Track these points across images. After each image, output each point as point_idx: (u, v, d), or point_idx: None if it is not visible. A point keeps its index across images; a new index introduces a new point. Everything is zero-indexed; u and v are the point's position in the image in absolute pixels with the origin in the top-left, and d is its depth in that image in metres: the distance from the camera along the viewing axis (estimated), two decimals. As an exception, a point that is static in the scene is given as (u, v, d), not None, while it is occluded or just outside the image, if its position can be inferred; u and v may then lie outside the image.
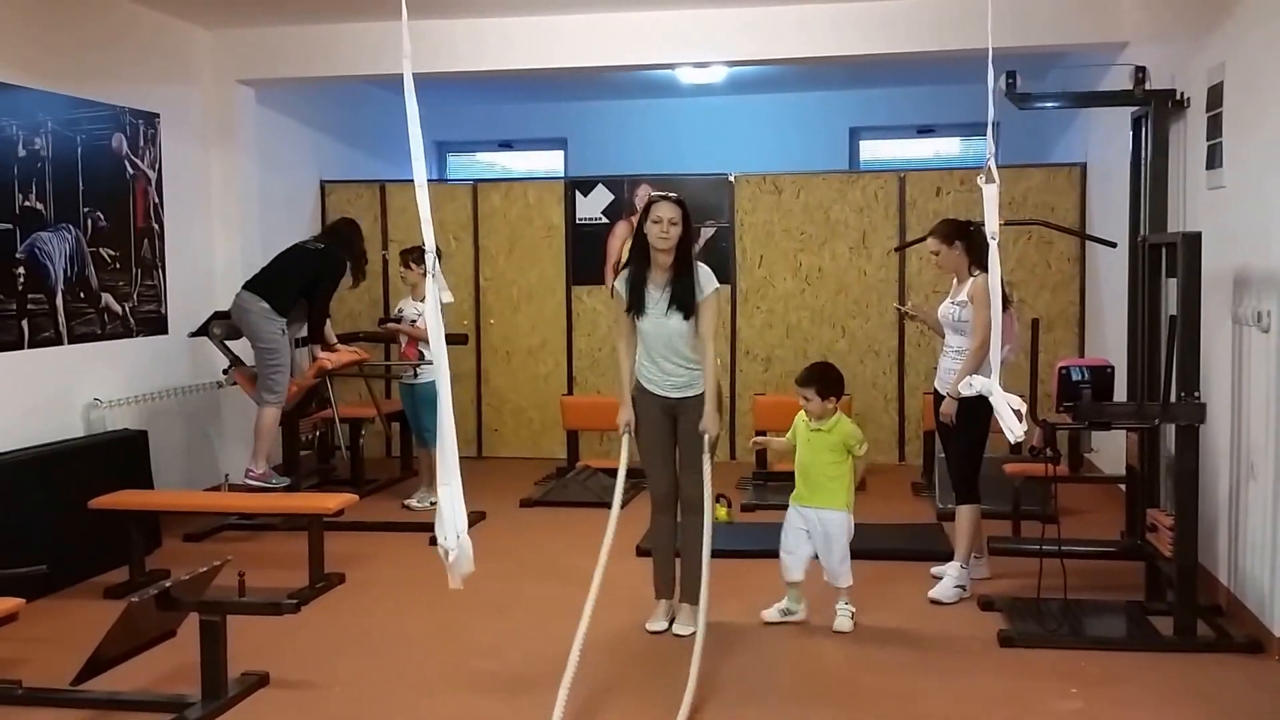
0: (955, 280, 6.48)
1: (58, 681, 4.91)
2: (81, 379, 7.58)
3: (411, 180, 3.45)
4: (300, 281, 8.06)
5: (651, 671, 5.26)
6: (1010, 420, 5.15)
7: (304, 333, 8.36)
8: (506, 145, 13.73)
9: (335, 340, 8.59)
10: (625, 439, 5.75)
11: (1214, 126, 6.05)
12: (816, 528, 5.78)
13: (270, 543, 7.66)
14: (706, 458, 5.53)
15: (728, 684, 5.12)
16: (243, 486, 7.91)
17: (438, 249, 3.49)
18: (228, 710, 4.80)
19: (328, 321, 8.48)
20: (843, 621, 5.75)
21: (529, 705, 4.85)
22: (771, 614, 5.90)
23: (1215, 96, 6.02)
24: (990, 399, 5.30)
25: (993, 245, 5.03)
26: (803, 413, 5.87)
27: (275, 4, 8.43)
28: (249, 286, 7.95)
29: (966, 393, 5.63)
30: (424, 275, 8.72)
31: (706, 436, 5.54)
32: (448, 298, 7.86)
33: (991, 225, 5.01)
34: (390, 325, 9.08)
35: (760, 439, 6.44)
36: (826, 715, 4.77)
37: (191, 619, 4.89)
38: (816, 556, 5.83)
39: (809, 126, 12.41)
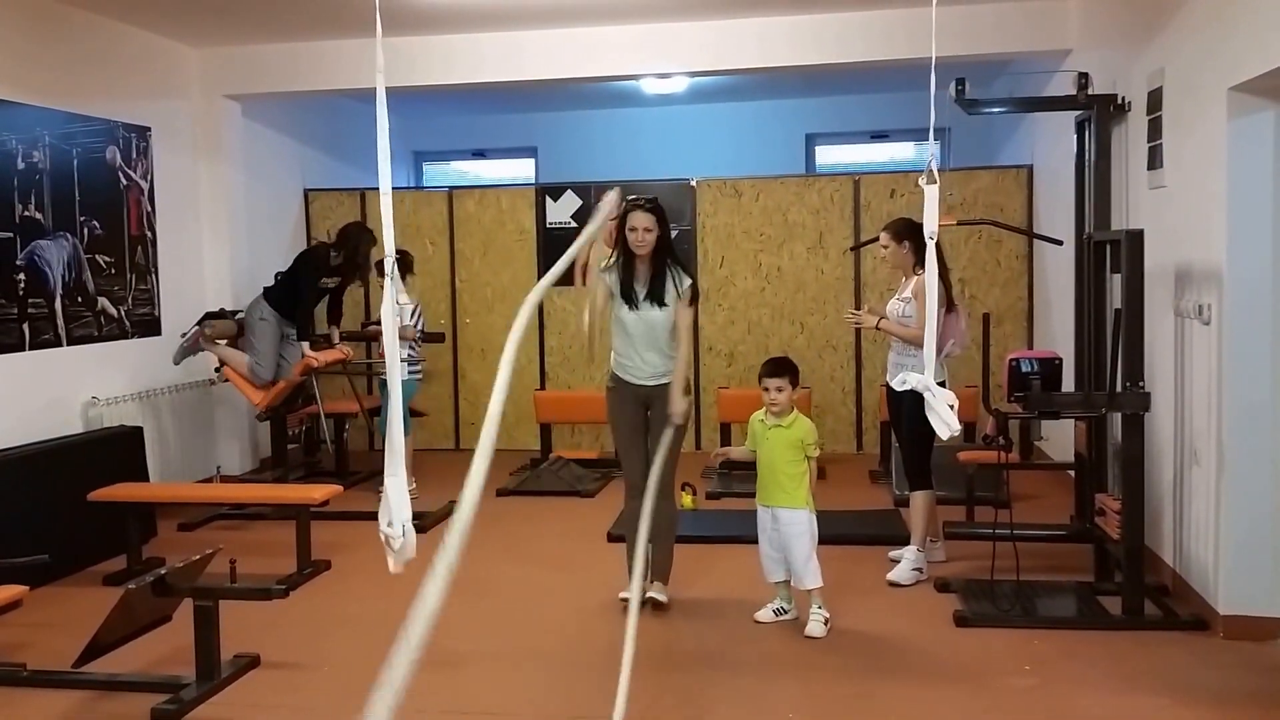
0: (903, 277, 6.42)
1: (60, 664, 4.89)
2: (80, 378, 7.54)
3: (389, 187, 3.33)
4: (288, 277, 8.25)
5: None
6: (946, 416, 4.97)
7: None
8: (480, 154, 13.66)
9: (339, 340, 8.69)
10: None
11: (1154, 129, 6.03)
12: (780, 527, 5.44)
13: (260, 531, 7.58)
14: (664, 446, 5.44)
15: (688, 657, 5.10)
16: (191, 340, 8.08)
17: (405, 253, 3.40)
18: (221, 690, 4.77)
19: (335, 329, 8.67)
20: (814, 626, 5.33)
21: (505, 682, 4.89)
22: (765, 614, 5.55)
23: (1155, 100, 6.00)
24: (925, 395, 5.01)
25: (930, 244, 4.92)
26: (758, 414, 5.57)
27: (259, 23, 8.34)
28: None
29: (901, 389, 5.50)
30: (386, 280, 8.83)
31: (674, 422, 5.49)
32: (403, 299, 7.95)
33: (930, 225, 4.90)
34: (372, 328, 9.39)
35: (721, 450, 6.06)
36: (785, 691, 4.71)
37: (186, 604, 4.85)
38: None
39: (767, 133, 12.39)
